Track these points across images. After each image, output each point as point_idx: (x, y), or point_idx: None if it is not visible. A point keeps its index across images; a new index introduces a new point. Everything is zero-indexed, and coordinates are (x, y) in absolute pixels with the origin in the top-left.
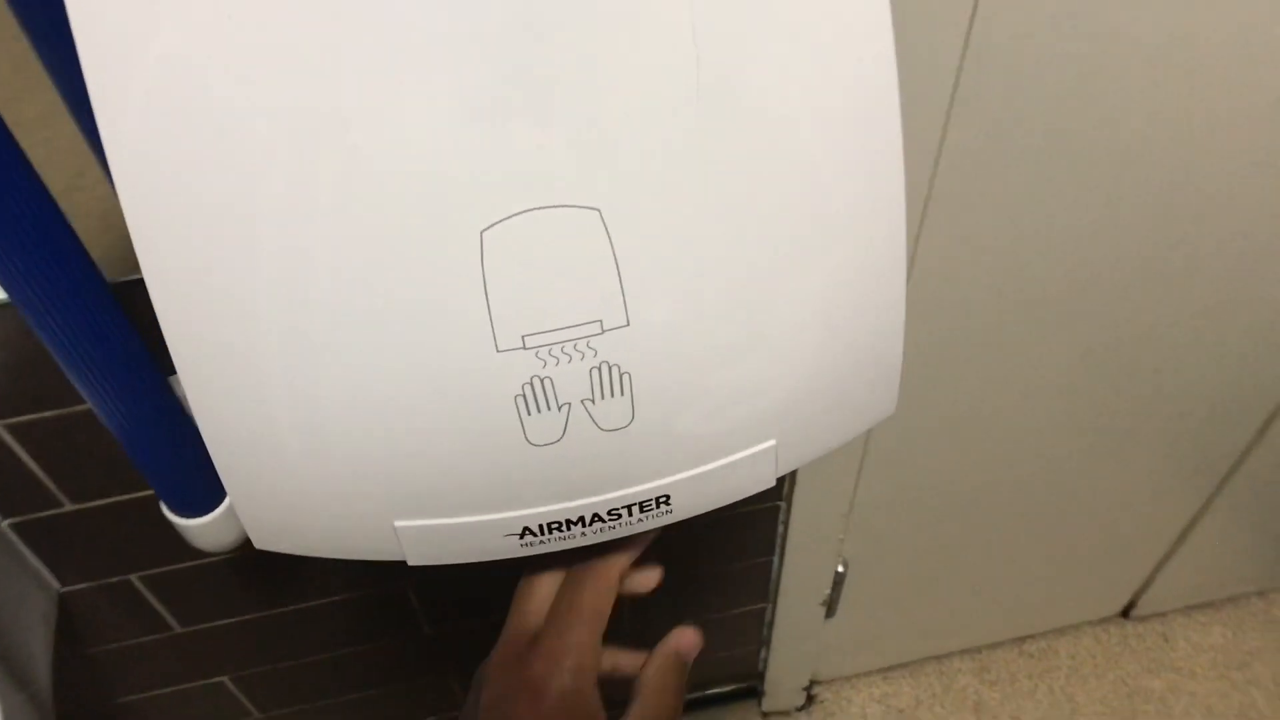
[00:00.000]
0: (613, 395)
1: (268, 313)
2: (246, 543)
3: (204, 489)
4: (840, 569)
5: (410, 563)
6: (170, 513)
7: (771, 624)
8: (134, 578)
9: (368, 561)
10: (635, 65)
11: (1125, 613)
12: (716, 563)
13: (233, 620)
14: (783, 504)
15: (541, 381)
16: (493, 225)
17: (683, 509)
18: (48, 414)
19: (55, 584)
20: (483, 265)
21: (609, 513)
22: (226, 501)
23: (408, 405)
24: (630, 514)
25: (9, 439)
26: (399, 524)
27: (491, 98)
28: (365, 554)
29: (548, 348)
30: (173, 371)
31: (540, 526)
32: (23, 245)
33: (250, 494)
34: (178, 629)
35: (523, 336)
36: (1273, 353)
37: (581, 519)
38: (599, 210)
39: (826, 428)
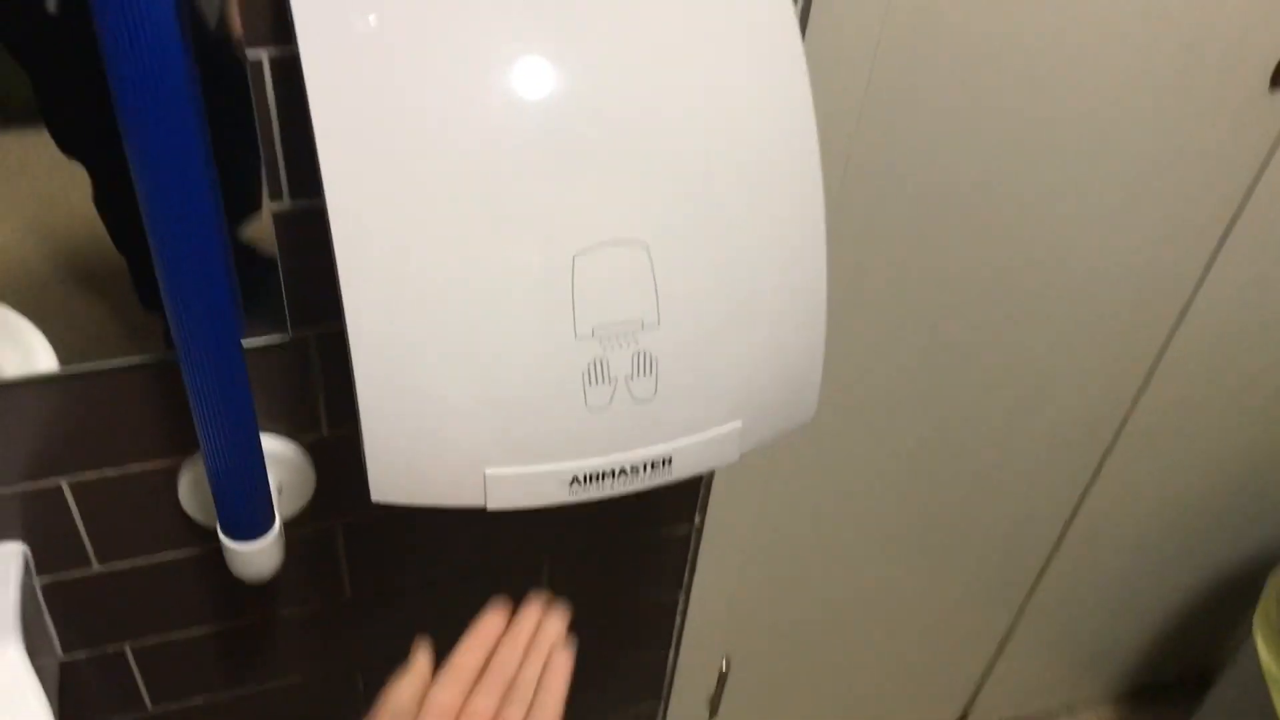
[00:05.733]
0: (644, 375)
1: (437, 312)
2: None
3: (262, 516)
4: (724, 668)
5: (489, 507)
6: (232, 541)
7: None
8: (128, 646)
9: (323, 637)
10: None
11: None
12: (609, 653)
13: (200, 699)
14: (681, 595)
15: (602, 362)
16: (583, 252)
17: (680, 469)
18: (108, 472)
19: (59, 651)
20: (573, 277)
21: (631, 467)
22: (275, 528)
23: (513, 377)
24: (645, 470)
25: (69, 495)
26: (489, 471)
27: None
28: (456, 500)
29: (607, 338)
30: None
31: (586, 475)
32: (215, 310)
33: (387, 448)
34: (150, 708)
35: (593, 328)
36: (1060, 469)
37: (613, 471)
38: (647, 244)
39: (771, 421)
